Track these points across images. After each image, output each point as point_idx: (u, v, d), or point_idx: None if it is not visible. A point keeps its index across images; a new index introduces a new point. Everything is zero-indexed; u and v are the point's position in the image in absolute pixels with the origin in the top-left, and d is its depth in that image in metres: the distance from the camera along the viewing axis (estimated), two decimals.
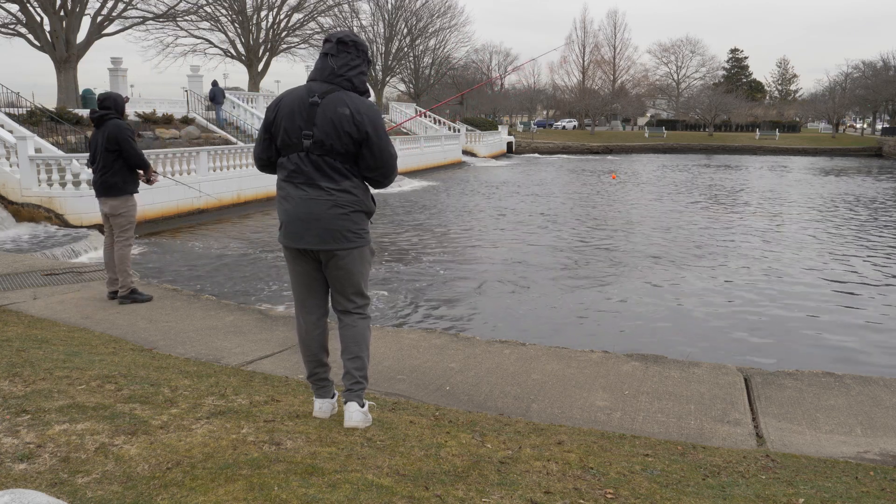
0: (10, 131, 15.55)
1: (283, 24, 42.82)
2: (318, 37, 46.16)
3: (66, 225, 13.82)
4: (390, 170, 3.11)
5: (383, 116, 41.13)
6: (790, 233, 15.87)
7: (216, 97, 26.45)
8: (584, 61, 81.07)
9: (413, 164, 32.38)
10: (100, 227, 12.07)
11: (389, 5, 55.94)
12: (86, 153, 9.02)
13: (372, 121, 3.01)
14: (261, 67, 42.16)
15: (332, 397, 3.27)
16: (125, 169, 6.33)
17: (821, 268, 11.89)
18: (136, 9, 30.98)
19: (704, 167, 41.87)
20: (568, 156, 55.98)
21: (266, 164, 3.18)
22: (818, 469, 3.06)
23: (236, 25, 40.81)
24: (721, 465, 3.02)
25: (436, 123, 46.24)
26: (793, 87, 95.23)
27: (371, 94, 3.44)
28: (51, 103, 24.19)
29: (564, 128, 78.09)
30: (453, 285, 10.27)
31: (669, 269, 11.58)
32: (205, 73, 28.54)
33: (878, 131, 70.53)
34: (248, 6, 40.45)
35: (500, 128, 57.93)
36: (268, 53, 42.51)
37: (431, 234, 15.41)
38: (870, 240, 14.93)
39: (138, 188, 6.53)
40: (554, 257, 12.74)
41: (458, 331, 7.24)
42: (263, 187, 20.03)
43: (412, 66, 61.89)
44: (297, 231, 3.03)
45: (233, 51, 41.49)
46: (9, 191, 14.30)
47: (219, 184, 17.91)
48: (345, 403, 3.13)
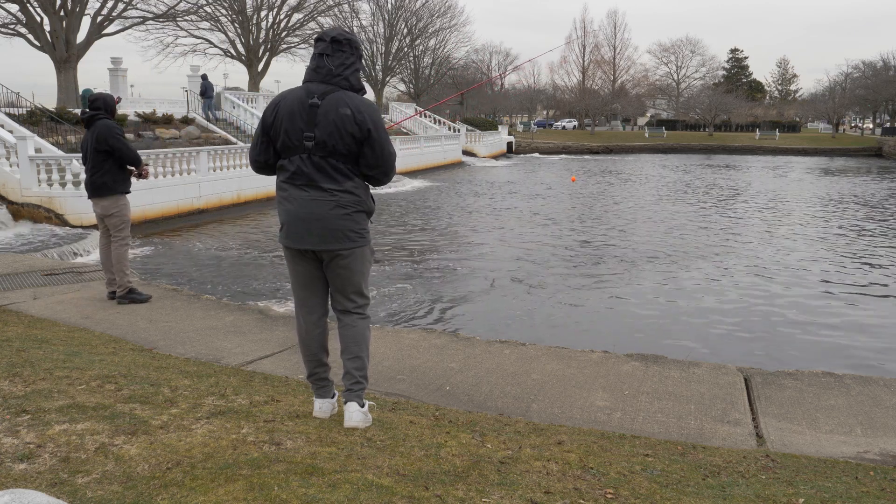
0: (10, 131, 15.55)
1: (283, 24, 42.84)
2: None
3: (66, 225, 13.82)
4: (390, 168, 3.12)
5: (383, 116, 41.13)
6: (790, 233, 15.87)
7: (206, 91, 26.17)
8: (584, 61, 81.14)
9: (413, 164, 32.38)
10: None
11: (389, 5, 55.98)
12: None
13: (373, 119, 3.02)
14: (261, 67, 42.17)
15: (333, 397, 3.28)
16: (115, 169, 6.33)
17: (821, 268, 11.89)
18: (136, 9, 31.02)
19: (704, 167, 41.87)
20: (568, 156, 55.98)
21: (263, 167, 3.16)
22: (818, 469, 3.06)
23: (236, 25, 40.81)
24: (721, 465, 3.02)
25: (436, 123, 46.25)
26: (793, 87, 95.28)
27: (367, 91, 3.46)
28: (51, 103, 24.22)
29: (564, 128, 78.08)
30: (454, 285, 10.27)
31: (669, 269, 11.58)
32: (205, 73, 28.49)
33: (879, 131, 70.52)
34: (248, 6, 40.45)
35: (500, 128, 57.91)
36: (268, 53, 42.52)
37: (431, 234, 15.41)
38: (870, 240, 14.93)
39: (130, 188, 6.53)
40: (554, 257, 12.74)
41: (457, 331, 7.24)
42: (263, 187, 20.03)
43: (412, 66, 61.89)
44: (298, 231, 3.03)
45: (233, 51, 41.50)
46: (9, 191, 14.30)
47: (219, 184, 17.91)
48: (345, 403, 3.14)
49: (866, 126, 74.66)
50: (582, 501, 2.44)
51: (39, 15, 27.27)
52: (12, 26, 28.01)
